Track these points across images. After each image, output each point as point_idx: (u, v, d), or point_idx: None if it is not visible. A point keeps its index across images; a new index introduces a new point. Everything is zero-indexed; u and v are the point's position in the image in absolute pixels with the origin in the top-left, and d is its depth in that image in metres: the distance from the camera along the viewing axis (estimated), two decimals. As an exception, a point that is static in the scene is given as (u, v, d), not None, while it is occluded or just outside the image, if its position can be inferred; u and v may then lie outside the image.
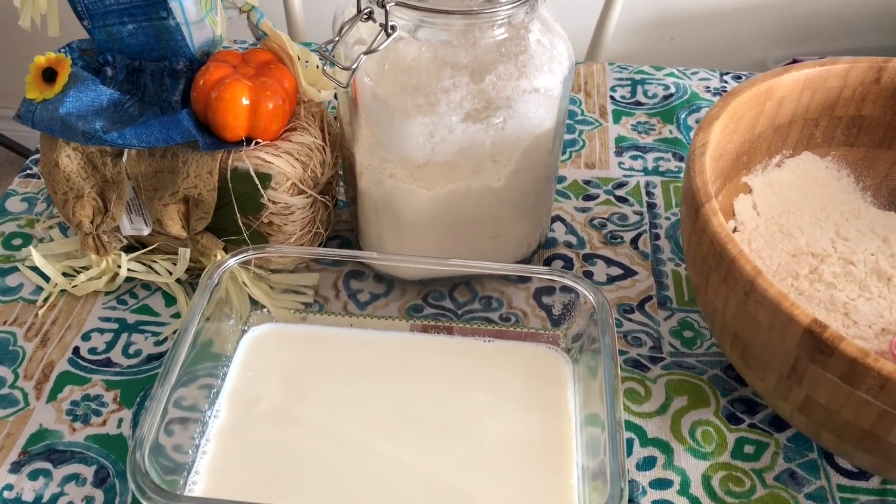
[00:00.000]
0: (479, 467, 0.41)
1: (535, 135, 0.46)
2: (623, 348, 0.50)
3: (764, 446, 0.45)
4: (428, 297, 0.52)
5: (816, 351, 0.34)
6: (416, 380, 0.45)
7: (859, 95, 0.50)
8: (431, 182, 0.47)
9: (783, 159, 0.52)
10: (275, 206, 0.47)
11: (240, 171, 0.46)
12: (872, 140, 0.52)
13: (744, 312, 0.38)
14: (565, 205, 0.59)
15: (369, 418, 0.43)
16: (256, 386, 0.44)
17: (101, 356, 0.48)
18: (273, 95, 0.46)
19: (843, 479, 0.43)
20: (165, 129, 0.46)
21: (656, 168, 0.63)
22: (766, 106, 0.48)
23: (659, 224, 0.58)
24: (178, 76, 0.49)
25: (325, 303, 0.51)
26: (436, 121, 0.44)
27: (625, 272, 0.55)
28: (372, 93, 0.44)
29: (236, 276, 0.47)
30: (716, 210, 0.39)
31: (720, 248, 0.38)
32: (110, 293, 0.52)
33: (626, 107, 0.69)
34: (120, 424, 0.45)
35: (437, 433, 0.43)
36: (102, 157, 0.48)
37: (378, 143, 0.46)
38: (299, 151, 0.48)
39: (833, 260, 0.48)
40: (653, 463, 0.44)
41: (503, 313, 0.51)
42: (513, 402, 0.44)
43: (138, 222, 0.50)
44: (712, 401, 0.47)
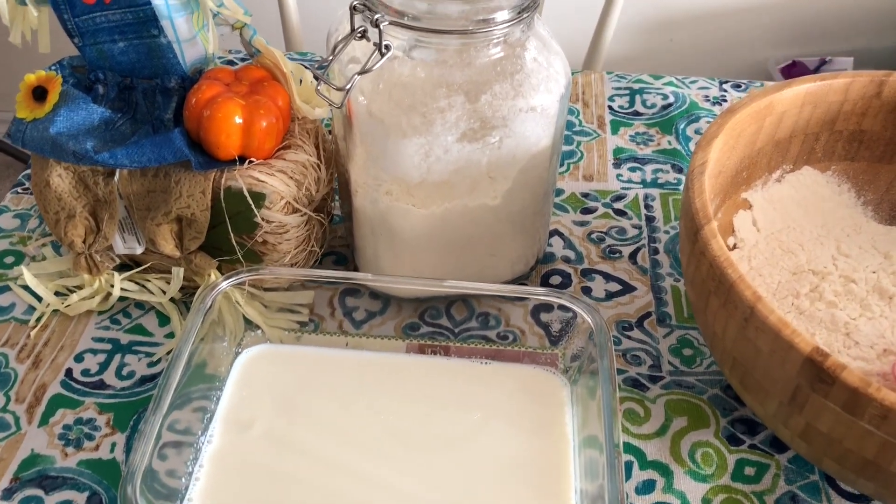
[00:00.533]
0: (476, 492, 0.41)
1: (531, 153, 0.45)
2: (622, 367, 0.49)
3: (765, 468, 0.44)
4: (425, 315, 0.52)
5: (817, 380, 0.34)
6: (412, 402, 0.45)
7: (860, 110, 0.50)
8: (427, 201, 0.46)
9: (783, 174, 0.52)
10: (269, 225, 0.47)
11: (233, 190, 0.46)
12: (873, 154, 0.52)
13: (743, 338, 0.37)
14: (563, 218, 0.59)
15: (364, 441, 0.43)
16: (250, 409, 0.44)
17: (94, 378, 0.48)
18: (266, 114, 0.46)
19: (845, 502, 0.43)
20: (157, 148, 0.45)
21: (655, 180, 0.62)
22: (765, 121, 0.48)
23: (658, 238, 0.57)
24: (171, 94, 0.48)
25: (321, 321, 0.51)
26: (431, 141, 0.43)
27: (623, 288, 0.54)
28: (367, 112, 0.44)
29: (230, 296, 0.46)
30: (715, 232, 0.39)
31: (720, 272, 0.37)
32: (103, 313, 0.51)
33: (625, 117, 0.68)
34: (113, 449, 0.44)
35: (434, 456, 0.42)
36: (94, 176, 0.48)
37: (373, 162, 0.46)
38: (293, 170, 0.47)
39: (834, 278, 0.47)
40: (652, 486, 0.43)
41: (501, 331, 0.51)
42: (510, 424, 0.44)
43: (131, 241, 0.49)
44: (712, 421, 0.46)
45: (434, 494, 0.41)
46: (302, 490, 0.40)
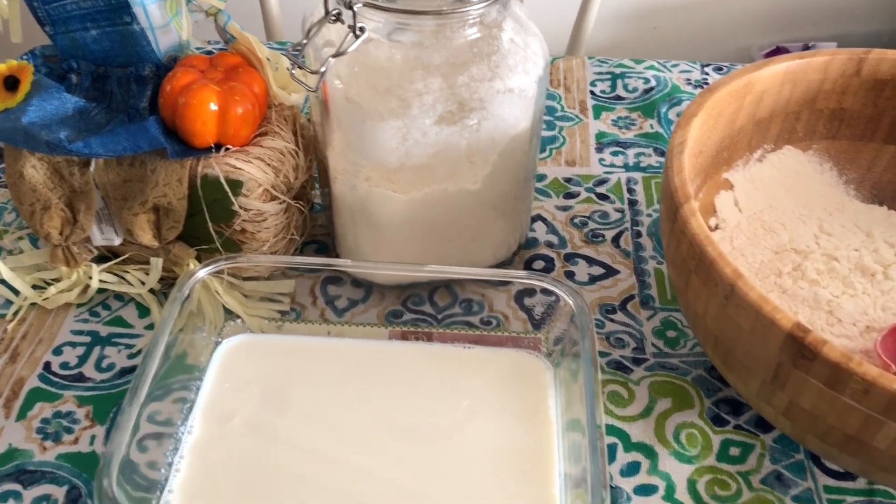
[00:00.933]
0: (460, 477, 0.41)
1: (510, 136, 0.45)
2: (606, 350, 0.49)
3: (750, 448, 0.44)
4: (407, 302, 0.51)
5: (799, 356, 0.34)
6: (395, 389, 0.44)
7: (840, 88, 0.50)
8: (407, 186, 0.46)
9: (764, 154, 0.51)
10: (247, 213, 0.46)
11: (210, 178, 0.45)
12: (854, 133, 0.51)
13: (725, 316, 0.37)
14: (546, 203, 0.59)
15: (347, 429, 0.42)
16: (231, 399, 0.43)
17: (73, 371, 0.47)
18: (242, 100, 0.45)
19: (830, 480, 0.43)
20: (132, 137, 0.45)
21: (637, 164, 0.62)
22: (745, 100, 0.48)
23: (640, 221, 0.57)
24: (145, 82, 0.48)
25: (302, 310, 0.50)
26: (409, 124, 0.43)
27: (606, 271, 0.54)
28: (343, 96, 0.43)
29: (209, 286, 0.46)
30: (694, 211, 0.39)
31: (699, 250, 0.37)
32: (82, 305, 0.51)
33: (607, 102, 0.68)
34: (93, 442, 0.44)
35: (417, 442, 0.42)
36: (69, 166, 0.47)
37: (351, 148, 0.45)
38: (271, 157, 0.47)
39: (816, 256, 0.47)
40: (637, 468, 0.43)
41: (484, 317, 0.50)
42: (493, 409, 0.43)
43: (109, 232, 0.49)
44: (696, 402, 0.46)
45: (418, 480, 0.40)
46: (284, 479, 0.40)
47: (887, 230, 0.49)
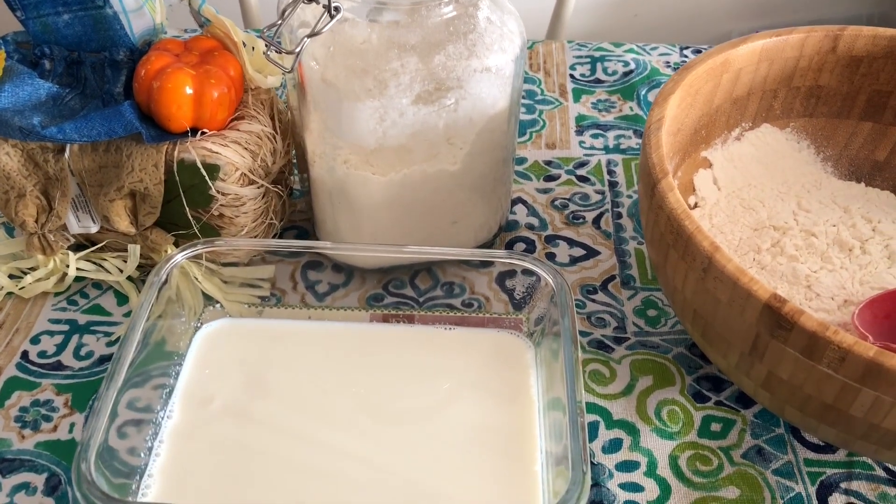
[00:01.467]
0: (443, 457, 0.41)
1: (489, 115, 0.45)
2: (587, 329, 0.49)
3: (731, 423, 0.44)
4: (388, 286, 0.51)
5: (776, 326, 0.34)
6: (377, 371, 0.44)
7: (816, 65, 0.50)
8: (386, 167, 0.46)
9: (742, 132, 0.52)
10: (224, 197, 0.46)
11: (186, 162, 0.45)
12: (831, 110, 0.52)
13: (703, 290, 0.37)
14: (526, 186, 0.59)
15: (328, 412, 0.42)
16: (211, 383, 0.43)
17: (52, 359, 0.47)
18: (218, 83, 0.45)
19: (810, 453, 0.43)
20: (107, 121, 0.44)
21: (617, 146, 0.62)
22: (722, 78, 0.48)
23: (621, 203, 0.57)
24: (120, 67, 0.47)
25: (283, 295, 0.50)
26: (386, 104, 0.42)
27: (587, 252, 0.54)
28: (320, 77, 0.43)
29: (187, 272, 0.45)
30: (672, 186, 0.39)
31: (677, 224, 0.37)
32: (60, 294, 0.50)
33: (586, 85, 0.68)
34: (72, 430, 0.44)
35: (399, 424, 0.42)
36: (44, 153, 0.47)
37: (328, 129, 0.45)
38: (248, 140, 0.46)
39: (795, 232, 0.47)
40: (619, 445, 0.43)
41: (466, 299, 0.50)
42: (476, 389, 0.43)
43: (85, 220, 0.48)
44: (678, 379, 0.46)
45: (400, 462, 0.40)
46: (264, 461, 0.40)
47: (864, 206, 0.49)
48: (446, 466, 0.40)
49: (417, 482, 0.40)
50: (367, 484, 0.39)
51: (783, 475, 0.42)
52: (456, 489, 0.39)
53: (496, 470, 0.40)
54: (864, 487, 0.42)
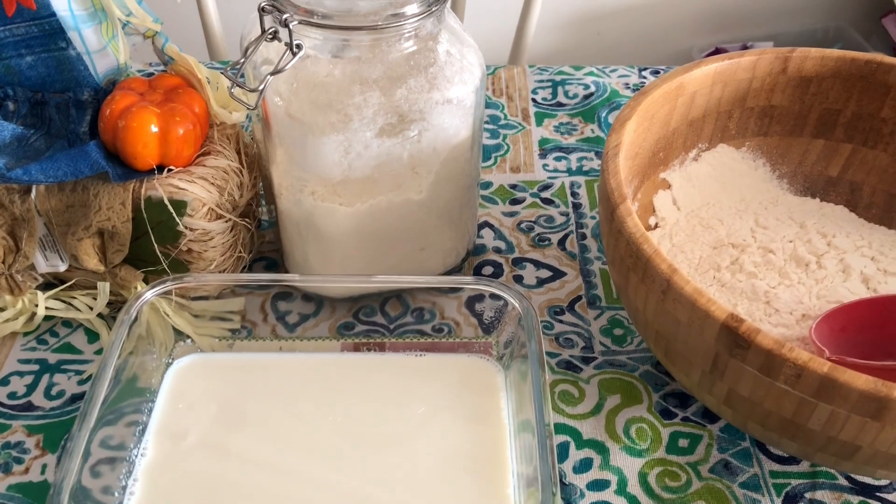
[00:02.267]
0: (417, 484, 0.41)
1: (452, 145, 0.46)
2: (555, 350, 0.50)
3: (698, 439, 0.45)
4: (359, 314, 0.52)
5: (734, 345, 0.35)
6: (350, 400, 0.45)
7: (768, 86, 0.51)
8: (352, 198, 0.46)
9: (700, 153, 0.53)
10: (192, 233, 0.46)
11: (153, 200, 0.45)
12: (784, 129, 0.53)
13: (663, 311, 0.38)
14: (493, 210, 0.60)
15: (303, 442, 0.43)
16: (184, 419, 0.43)
17: (22, 400, 0.47)
18: (183, 121, 0.45)
19: (775, 465, 0.44)
20: (73, 162, 0.45)
21: (580, 168, 0.63)
22: (678, 102, 0.49)
23: (585, 224, 0.58)
24: (84, 107, 0.47)
25: (253, 327, 0.51)
26: (350, 137, 0.43)
27: (554, 274, 0.55)
28: (284, 112, 0.44)
29: (157, 308, 0.45)
30: (630, 211, 0.40)
31: (636, 248, 0.38)
32: (29, 333, 0.50)
33: (548, 108, 0.69)
34: (44, 471, 0.43)
35: (373, 451, 0.42)
36: (10, 194, 0.47)
37: (294, 163, 0.45)
38: (214, 175, 0.47)
39: (753, 249, 0.49)
40: (589, 465, 0.44)
41: (436, 324, 0.51)
42: (447, 414, 0.44)
43: (53, 259, 0.49)
44: (645, 397, 0.47)
45: (376, 489, 0.41)
46: (240, 495, 0.40)
47: (819, 221, 0.51)
48: (421, 491, 0.41)
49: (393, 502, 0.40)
50: (342, 500, 0.40)
51: (750, 488, 0.43)
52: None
53: (470, 492, 0.41)
54: (827, 497, 0.43)
